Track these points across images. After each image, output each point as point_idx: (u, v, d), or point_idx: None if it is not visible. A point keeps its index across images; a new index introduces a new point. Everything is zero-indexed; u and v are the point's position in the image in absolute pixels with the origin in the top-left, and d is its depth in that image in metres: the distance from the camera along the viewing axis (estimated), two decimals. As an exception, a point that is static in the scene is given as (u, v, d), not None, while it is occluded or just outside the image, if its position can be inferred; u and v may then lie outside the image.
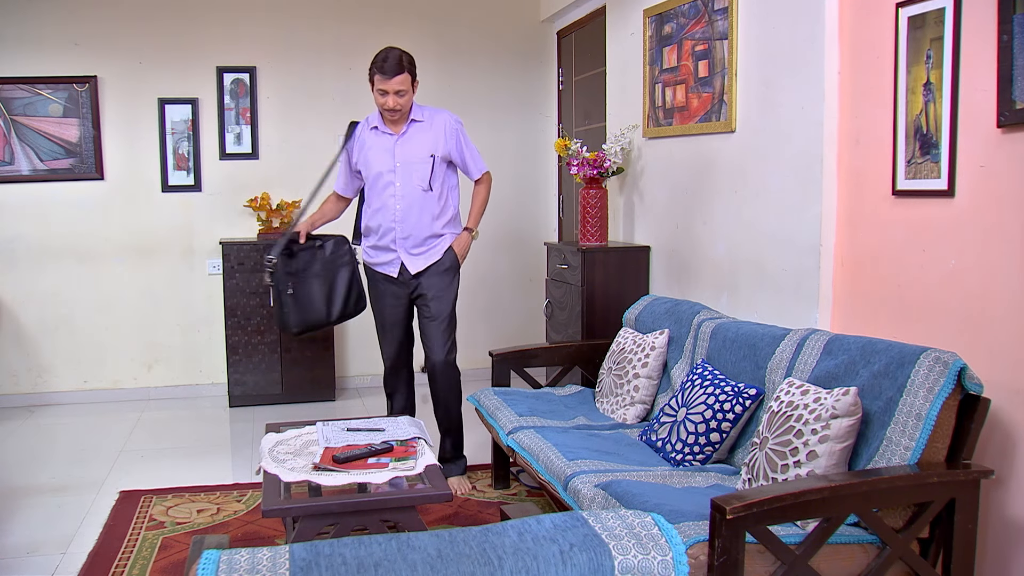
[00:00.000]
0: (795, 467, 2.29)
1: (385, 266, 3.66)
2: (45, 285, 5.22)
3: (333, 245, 3.62)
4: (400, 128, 3.59)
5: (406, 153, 3.58)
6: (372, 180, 3.61)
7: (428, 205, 3.60)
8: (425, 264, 3.63)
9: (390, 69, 3.44)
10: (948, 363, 2.20)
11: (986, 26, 2.31)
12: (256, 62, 5.35)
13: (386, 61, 3.44)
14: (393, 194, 3.58)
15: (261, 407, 5.12)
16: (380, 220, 3.61)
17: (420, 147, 3.58)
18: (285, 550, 1.50)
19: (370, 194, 3.65)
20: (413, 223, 3.58)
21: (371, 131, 3.63)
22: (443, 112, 3.68)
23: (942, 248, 2.52)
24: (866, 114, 2.80)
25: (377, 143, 3.61)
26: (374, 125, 3.63)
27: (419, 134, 3.60)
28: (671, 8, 3.87)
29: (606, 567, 1.49)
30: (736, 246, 3.50)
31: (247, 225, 5.41)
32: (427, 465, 2.65)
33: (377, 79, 3.48)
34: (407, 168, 3.57)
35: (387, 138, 3.60)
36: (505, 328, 5.76)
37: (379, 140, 3.61)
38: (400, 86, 3.46)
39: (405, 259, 3.62)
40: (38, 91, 5.08)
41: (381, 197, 3.59)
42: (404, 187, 3.57)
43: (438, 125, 3.62)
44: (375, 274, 3.71)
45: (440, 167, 3.61)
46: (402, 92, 3.48)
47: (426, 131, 3.60)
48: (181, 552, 3.07)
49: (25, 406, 5.21)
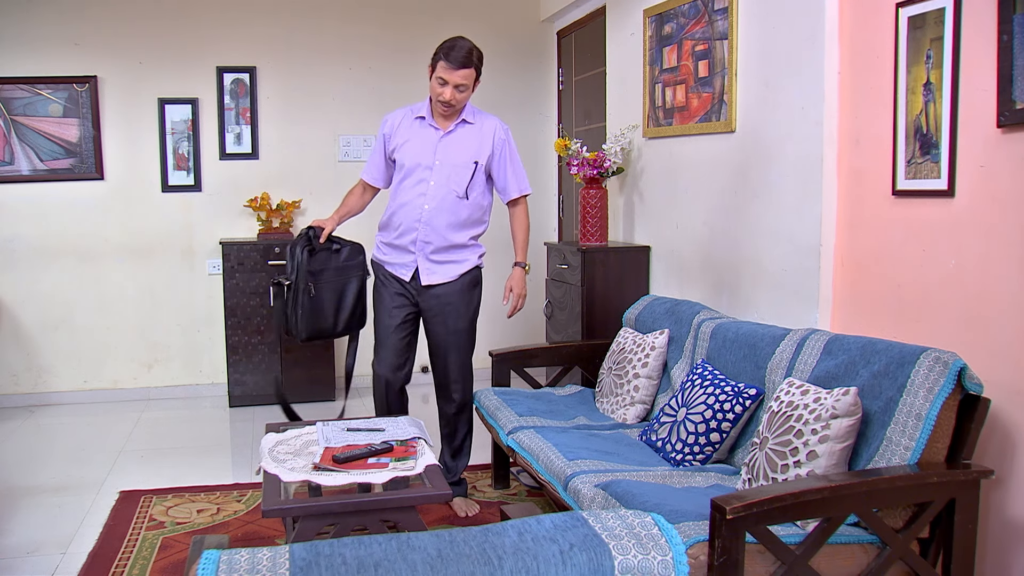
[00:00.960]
0: (795, 467, 2.29)
1: (398, 267, 3.40)
2: (45, 285, 5.23)
3: (349, 251, 3.38)
4: (448, 125, 3.33)
5: (449, 153, 3.31)
6: (406, 172, 3.33)
7: (459, 213, 3.33)
8: (440, 280, 3.37)
9: (457, 59, 3.16)
10: (948, 363, 2.20)
11: (986, 26, 2.31)
12: (256, 62, 5.35)
13: (454, 49, 3.17)
14: (424, 192, 3.31)
15: (261, 407, 5.12)
16: (403, 217, 3.34)
17: (465, 150, 3.33)
18: (285, 550, 1.50)
19: (399, 187, 3.37)
20: (438, 228, 3.32)
21: (416, 120, 3.36)
22: (492, 118, 3.42)
23: (942, 248, 2.52)
24: (866, 114, 2.80)
25: (420, 134, 3.34)
26: (421, 115, 3.35)
27: (467, 136, 3.34)
28: (671, 8, 3.87)
29: (606, 567, 1.49)
30: (736, 246, 3.50)
31: (247, 225, 5.41)
32: (427, 465, 2.65)
33: (441, 66, 3.19)
34: (446, 168, 3.31)
35: (432, 132, 3.33)
36: (505, 328, 5.75)
37: (423, 132, 3.34)
38: (463, 80, 3.19)
39: (422, 265, 3.36)
40: (38, 91, 5.08)
41: (411, 192, 3.32)
42: (438, 188, 3.30)
43: (487, 131, 3.37)
44: (385, 273, 3.44)
45: (480, 176, 3.36)
46: (463, 87, 3.21)
47: (474, 135, 3.35)
48: (181, 552, 3.07)
49: (25, 406, 5.21)
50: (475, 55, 3.21)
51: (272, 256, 5.11)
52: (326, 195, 5.51)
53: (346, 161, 5.53)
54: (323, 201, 5.50)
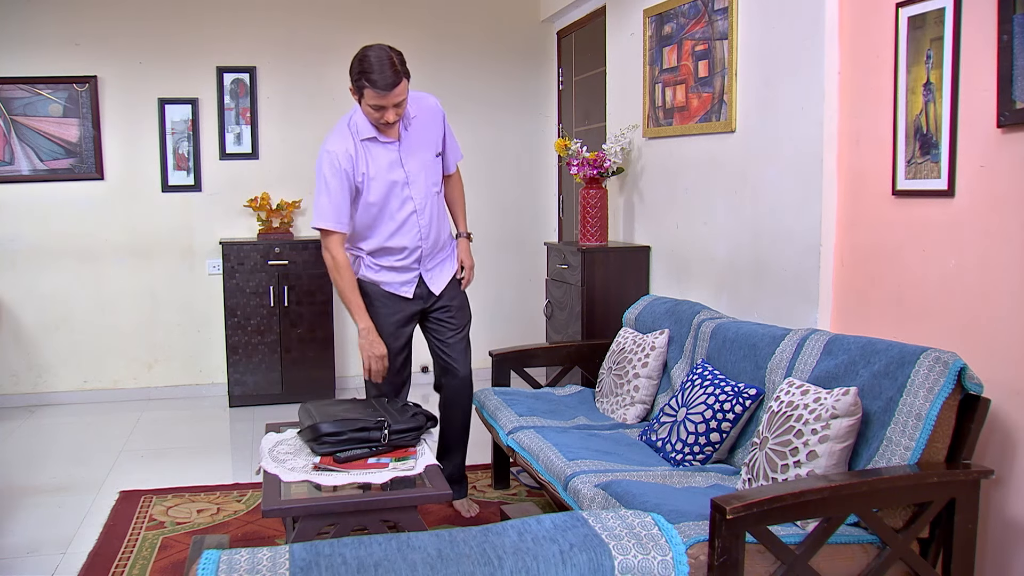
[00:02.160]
0: (795, 467, 2.29)
1: (397, 286, 3.19)
2: (45, 285, 5.23)
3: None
4: (397, 131, 3.07)
5: (414, 158, 3.10)
6: (383, 200, 3.07)
7: (441, 209, 3.21)
8: (446, 280, 3.26)
9: (385, 82, 2.84)
10: (948, 363, 2.20)
11: (986, 26, 2.31)
12: (256, 62, 5.35)
13: (375, 72, 2.83)
14: (413, 210, 3.10)
15: (261, 407, 5.12)
16: (404, 242, 3.12)
17: (426, 147, 3.13)
18: (285, 550, 1.50)
19: (380, 216, 3.09)
20: (435, 235, 3.18)
21: (365, 143, 3.05)
22: (427, 97, 3.18)
23: (942, 248, 2.52)
24: (866, 114, 2.80)
25: (379, 155, 3.05)
26: (367, 136, 3.05)
27: (419, 131, 3.12)
28: (671, 8, 3.87)
29: (606, 567, 1.49)
30: (736, 246, 3.50)
31: (247, 225, 5.41)
32: (427, 465, 2.65)
33: (369, 94, 2.88)
34: (419, 175, 3.10)
35: (388, 147, 3.07)
36: (505, 328, 5.76)
37: (380, 151, 3.06)
38: (399, 95, 2.89)
39: (427, 278, 3.21)
40: (38, 91, 5.08)
41: (398, 216, 3.09)
42: (421, 196, 3.11)
43: (432, 114, 3.15)
44: (380, 293, 3.19)
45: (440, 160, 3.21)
46: (401, 101, 2.93)
47: (425, 125, 3.12)
48: (181, 552, 3.07)
49: (25, 406, 5.21)
50: (398, 64, 2.88)
51: (272, 256, 5.11)
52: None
53: (346, 161, 5.53)
54: (323, 201, 5.50)
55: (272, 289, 5.12)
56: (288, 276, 5.14)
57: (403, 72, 2.90)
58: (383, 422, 2.73)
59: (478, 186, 5.72)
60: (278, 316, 5.15)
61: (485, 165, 5.69)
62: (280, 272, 5.13)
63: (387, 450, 2.74)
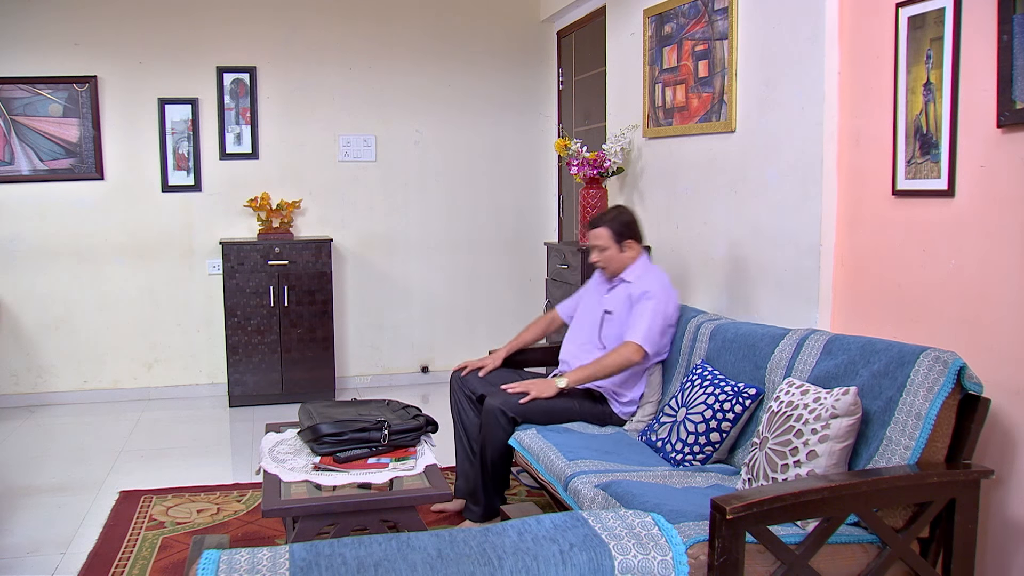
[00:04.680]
0: (795, 467, 2.29)
1: None
2: (45, 285, 5.22)
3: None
4: (610, 282, 3.43)
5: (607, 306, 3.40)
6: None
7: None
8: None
9: (593, 220, 3.38)
10: (948, 363, 2.20)
11: (986, 26, 2.31)
12: (256, 62, 5.35)
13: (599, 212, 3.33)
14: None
15: (261, 407, 5.12)
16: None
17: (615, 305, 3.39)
18: (285, 550, 1.50)
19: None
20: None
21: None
22: (650, 274, 3.35)
23: (942, 248, 2.52)
24: (866, 114, 2.80)
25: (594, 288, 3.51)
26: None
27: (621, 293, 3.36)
28: (671, 8, 3.87)
29: (606, 567, 1.49)
30: (736, 246, 3.50)
31: (247, 225, 5.41)
32: (427, 465, 2.65)
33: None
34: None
35: (601, 287, 3.47)
36: (505, 328, 5.75)
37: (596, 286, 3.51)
38: (596, 240, 3.34)
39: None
40: (38, 91, 5.08)
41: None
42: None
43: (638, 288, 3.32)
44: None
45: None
46: (600, 248, 3.34)
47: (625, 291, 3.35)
48: (181, 552, 3.07)
49: (25, 406, 5.20)
50: (609, 215, 3.34)
51: (272, 256, 5.11)
52: (326, 195, 5.51)
53: (346, 161, 5.53)
54: (323, 201, 5.51)
55: (272, 289, 5.12)
56: (288, 276, 5.14)
57: (605, 223, 3.33)
58: (383, 422, 2.76)
59: (478, 186, 5.73)
60: (278, 316, 5.15)
61: (485, 165, 5.69)
62: (280, 272, 5.13)
63: (387, 450, 2.74)
